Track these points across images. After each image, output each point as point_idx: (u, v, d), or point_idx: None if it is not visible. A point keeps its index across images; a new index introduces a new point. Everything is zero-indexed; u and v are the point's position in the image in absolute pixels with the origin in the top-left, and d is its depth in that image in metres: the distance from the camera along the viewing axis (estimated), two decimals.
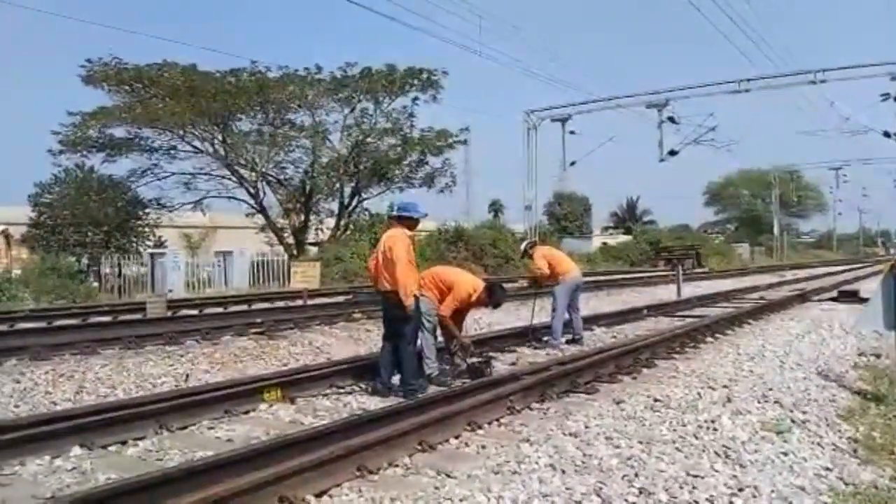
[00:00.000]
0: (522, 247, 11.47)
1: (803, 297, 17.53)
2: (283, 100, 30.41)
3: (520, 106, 46.62)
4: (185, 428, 5.55)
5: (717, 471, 4.57)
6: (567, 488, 4.01)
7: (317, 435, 4.58)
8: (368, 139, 32.29)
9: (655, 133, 34.00)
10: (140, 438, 5.23)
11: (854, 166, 56.45)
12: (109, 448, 5.08)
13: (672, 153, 34.83)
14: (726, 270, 38.03)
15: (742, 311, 13.60)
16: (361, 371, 7.40)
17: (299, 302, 16.63)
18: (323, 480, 3.99)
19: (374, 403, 6.42)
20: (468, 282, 7.73)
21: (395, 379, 6.98)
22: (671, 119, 33.81)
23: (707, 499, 4.11)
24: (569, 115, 35.43)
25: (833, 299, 16.84)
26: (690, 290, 21.04)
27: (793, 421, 5.96)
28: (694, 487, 4.24)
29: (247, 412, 6.07)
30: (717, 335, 10.67)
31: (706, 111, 33.86)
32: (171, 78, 28.65)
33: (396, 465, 4.45)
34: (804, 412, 6.26)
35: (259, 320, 12.29)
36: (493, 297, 7.81)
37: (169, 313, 14.80)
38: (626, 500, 3.97)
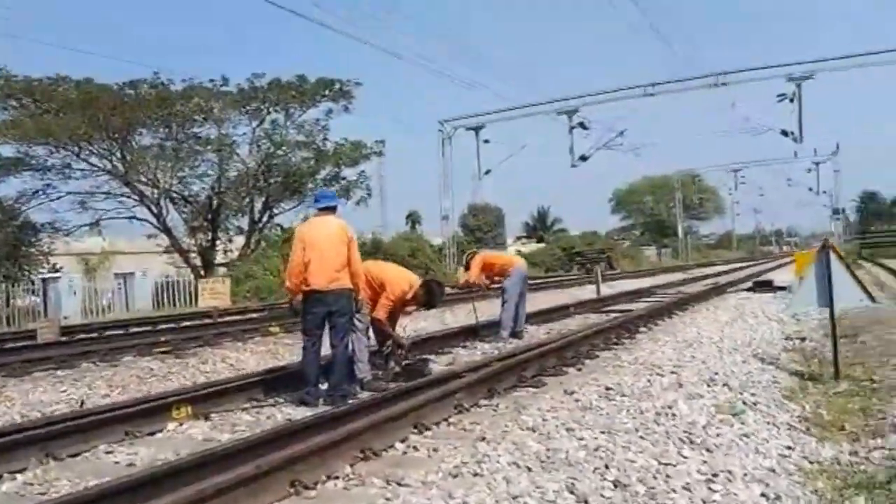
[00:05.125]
0: (465, 259, 11.32)
1: (720, 290, 17.87)
2: (187, 112, 28.96)
3: (435, 118, 46.46)
4: (77, 455, 4.71)
5: (685, 457, 4.33)
6: (537, 487, 3.51)
7: (240, 449, 3.88)
8: (279, 152, 31.19)
9: (566, 140, 34.59)
10: (19, 471, 4.36)
11: (751, 168, 59.41)
12: None
13: (583, 158, 35.50)
14: (637, 271, 39.01)
15: (667, 303, 13.64)
16: (283, 381, 6.67)
17: (209, 321, 15.57)
18: (249, 500, 3.31)
19: (301, 414, 5.71)
20: (403, 278, 7.12)
21: (323, 387, 6.30)
22: (581, 125, 34.47)
23: (684, 486, 3.81)
24: (482, 123, 35.65)
25: (749, 290, 17.23)
26: (608, 289, 21.17)
27: (744, 403, 5.90)
28: (668, 476, 3.95)
29: (152, 433, 5.25)
30: (650, 326, 10.56)
31: (616, 117, 34.62)
32: (65, 92, 26.82)
33: (336, 477, 3.80)
34: (752, 394, 6.29)
35: (164, 339, 11.27)
36: (430, 294, 7.24)
37: (63, 338, 13.47)
38: (602, 496, 3.53)
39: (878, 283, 18.29)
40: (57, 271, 26.34)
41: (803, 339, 9.87)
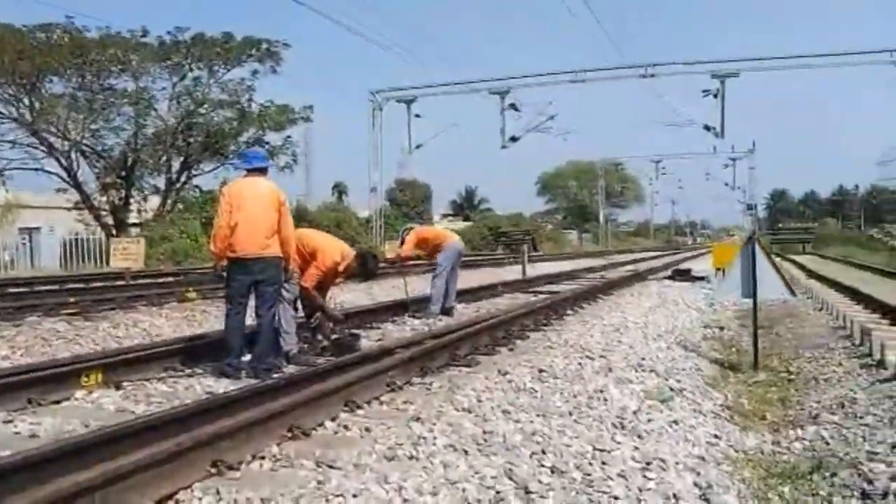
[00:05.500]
0: (401, 234, 11.10)
1: (641, 276, 18.28)
2: (102, 62, 27.33)
3: (364, 89, 45.63)
4: None
5: (619, 443, 4.33)
6: (476, 472, 3.37)
7: (154, 424, 3.57)
8: (201, 110, 29.92)
9: (497, 120, 34.60)
10: None
11: (672, 159, 61.13)
12: None
13: (513, 139, 35.60)
14: (560, 254, 39.70)
15: (592, 287, 13.81)
16: (202, 350, 6.29)
17: (121, 283, 14.79)
18: (166, 482, 3.03)
19: (223, 387, 5.40)
20: (335, 248, 6.81)
21: (246, 359, 5.98)
22: (513, 106, 34.51)
23: (619, 474, 3.78)
24: (414, 96, 35.15)
25: (669, 277, 17.68)
26: (532, 270, 21.41)
27: (671, 389, 5.97)
28: (604, 463, 3.93)
29: (58, 401, 4.84)
30: (576, 309, 10.62)
31: (546, 101, 34.80)
32: None
33: (263, 457, 3.54)
34: (678, 381, 6.39)
35: (73, 300, 10.59)
36: (365, 266, 6.96)
37: None
38: (540, 482, 3.43)
39: (790, 277, 19.10)
40: None
41: (721, 329, 10.17)
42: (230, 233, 5.80)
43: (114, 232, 27.37)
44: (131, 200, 29.98)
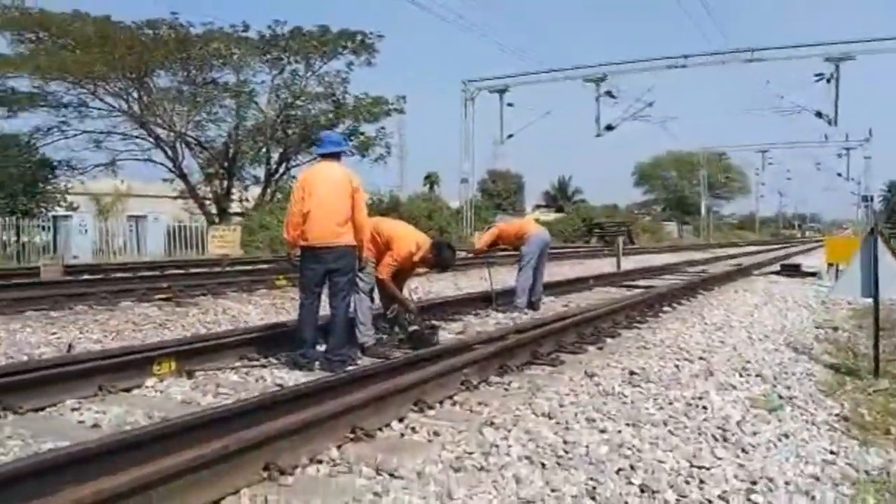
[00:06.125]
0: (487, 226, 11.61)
1: (745, 271, 17.20)
2: (206, 56, 28.32)
3: (457, 78, 45.46)
4: (40, 409, 4.24)
5: (720, 458, 3.83)
6: (553, 489, 2.97)
7: (208, 420, 3.37)
8: (298, 102, 30.54)
9: (592, 108, 33.68)
10: None
11: (779, 149, 57.78)
12: None
13: (609, 128, 34.59)
14: (658, 246, 38.26)
15: (692, 282, 13.00)
16: (280, 339, 6.14)
17: (218, 270, 15.18)
18: (212, 487, 2.80)
19: (294, 378, 5.22)
20: (410, 237, 6.52)
21: (320, 349, 5.80)
22: (609, 94, 33.50)
23: (720, 496, 3.30)
24: (506, 86, 34.73)
25: (776, 272, 16.57)
26: (628, 264, 20.57)
27: (780, 397, 5.35)
28: (702, 482, 3.46)
29: (129, 389, 4.78)
30: (675, 305, 9.96)
31: (644, 87, 33.57)
32: (81, 28, 26.20)
33: (320, 461, 3.27)
34: (788, 387, 5.74)
35: (166, 285, 10.84)
36: (440, 256, 6.65)
37: (67, 278, 13.11)
38: None
39: None
40: (74, 209, 25.99)
41: (835, 329, 9.28)
42: (302, 220, 5.61)
43: (216, 220, 28.38)
44: (233, 190, 31.01)
